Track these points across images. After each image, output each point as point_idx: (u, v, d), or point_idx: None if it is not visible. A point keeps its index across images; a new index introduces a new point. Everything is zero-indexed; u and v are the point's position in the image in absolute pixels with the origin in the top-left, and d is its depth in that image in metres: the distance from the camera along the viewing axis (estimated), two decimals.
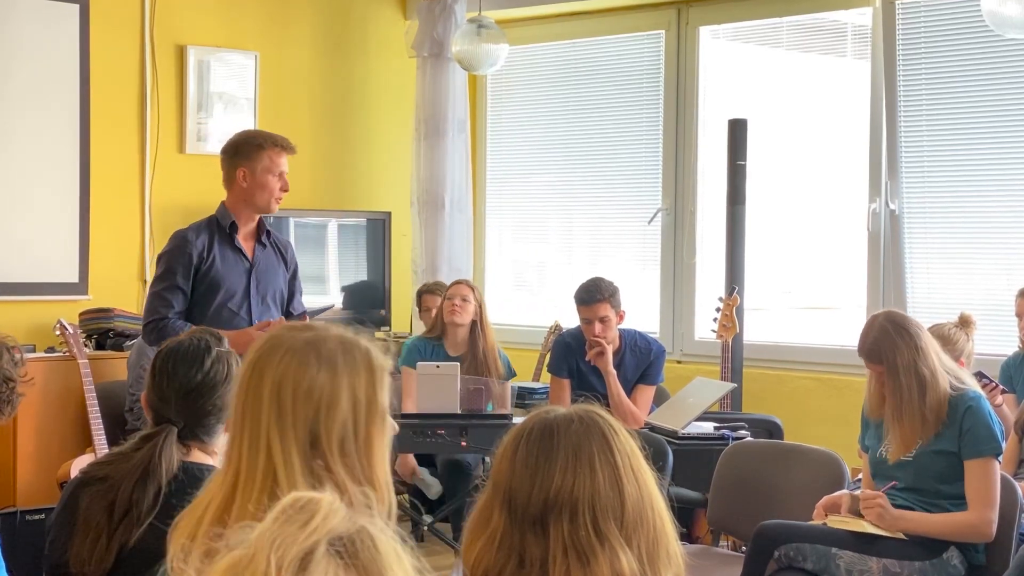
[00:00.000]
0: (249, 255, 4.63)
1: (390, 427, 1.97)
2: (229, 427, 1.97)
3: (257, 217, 4.67)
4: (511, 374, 6.13)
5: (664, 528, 1.86)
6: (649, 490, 1.86)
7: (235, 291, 4.58)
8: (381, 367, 1.96)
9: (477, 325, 6.00)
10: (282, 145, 4.65)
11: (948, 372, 3.99)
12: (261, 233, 4.69)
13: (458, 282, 6.17)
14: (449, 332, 6.02)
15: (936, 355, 3.98)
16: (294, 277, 4.78)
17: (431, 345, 6.05)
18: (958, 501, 3.92)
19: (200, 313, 4.52)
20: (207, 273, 4.55)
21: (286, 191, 4.64)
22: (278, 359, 1.92)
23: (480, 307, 6.04)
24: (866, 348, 4.04)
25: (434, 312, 6.20)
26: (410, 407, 5.85)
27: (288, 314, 4.70)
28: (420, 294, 6.66)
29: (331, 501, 1.20)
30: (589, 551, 1.79)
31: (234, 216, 4.61)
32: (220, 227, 4.61)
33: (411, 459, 5.91)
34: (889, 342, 3.96)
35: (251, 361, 1.95)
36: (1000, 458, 3.99)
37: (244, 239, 4.65)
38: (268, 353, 1.94)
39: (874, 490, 4.06)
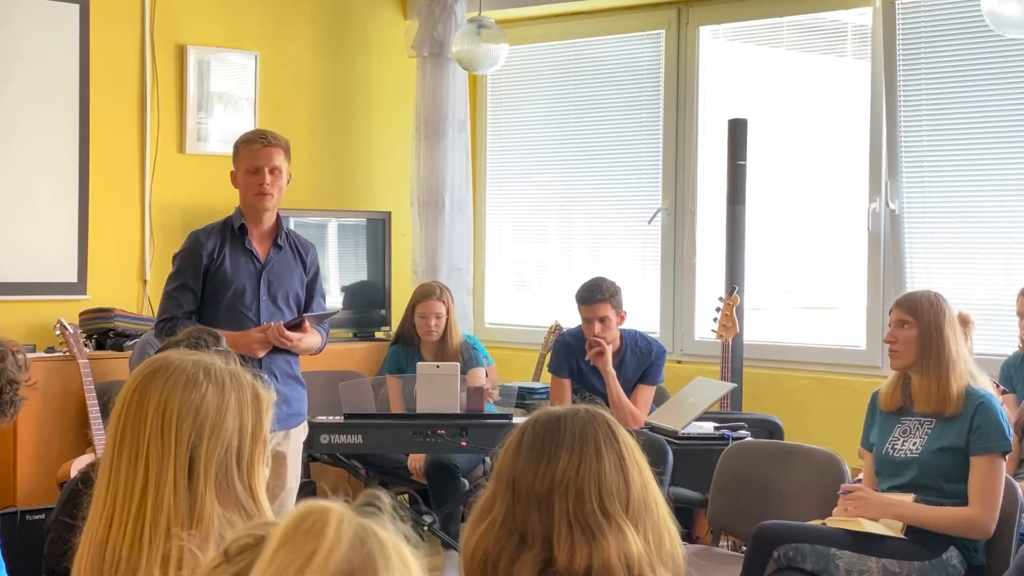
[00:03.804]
0: (261, 256, 4.62)
1: (269, 463, 1.95)
2: (106, 448, 1.92)
3: (272, 218, 4.65)
4: (477, 359, 6.10)
5: (667, 524, 1.86)
6: (652, 486, 1.87)
7: (244, 292, 4.57)
8: (267, 400, 1.94)
9: (450, 328, 6.03)
10: (248, 139, 4.62)
11: (968, 368, 4.03)
12: (279, 234, 4.68)
13: (428, 298, 6.04)
14: (424, 342, 6.06)
15: (961, 345, 4.04)
16: (314, 279, 4.74)
17: (407, 352, 6.08)
18: (961, 501, 3.92)
19: (211, 313, 4.54)
20: (216, 273, 4.56)
21: (262, 184, 4.53)
22: (165, 378, 1.89)
23: (451, 310, 6.06)
24: (903, 296, 4.19)
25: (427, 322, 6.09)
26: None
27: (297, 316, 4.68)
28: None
29: (340, 518, 1.18)
30: (596, 527, 1.79)
31: (244, 218, 4.62)
32: (232, 228, 4.62)
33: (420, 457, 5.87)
34: (929, 304, 4.06)
35: (135, 381, 1.91)
36: (1007, 456, 4.01)
37: (259, 240, 4.63)
38: (153, 373, 1.90)
39: (876, 489, 4.07)
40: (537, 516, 1.80)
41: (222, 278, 4.55)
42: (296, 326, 4.55)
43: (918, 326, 4.01)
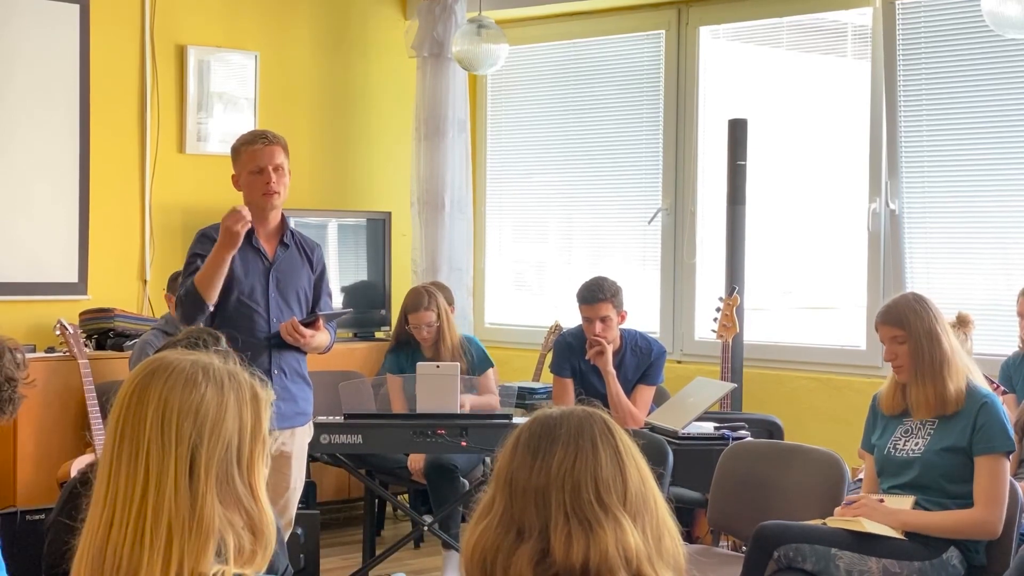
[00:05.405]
0: (269, 254, 4.64)
1: (268, 461, 1.95)
2: (105, 449, 1.90)
3: (277, 217, 4.66)
4: (485, 363, 6.09)
5: (667, 523, 1.86)
6: (651, 484, 1.87)
7: (253, 289, 4.59)
8: (265, 398, 1.94)
9: (443, 331, 6.00)
10: (248, 140, 4.63)
11: (964, 364, 4.03)
12: (284, 233, 4.69)
13: (417, 310, 5.98)
14: (421, 344, 6.05)
15: (953, 340, 4.03)
16: (320, 278, 4.76)
17: (406, 354, 6.07)
18: (963, 501, 3.92)
19: (220, 309, 4.56)
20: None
21: (268, 183, 4.55)
22: (164, 378, 1.88)
23: (443, 314, 6.03)
24: (884, 311, 4.10)
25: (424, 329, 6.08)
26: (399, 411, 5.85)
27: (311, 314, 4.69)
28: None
29: None
30: (593, 518, 1.78)
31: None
32: None
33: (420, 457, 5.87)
34: (911, 309, 4.03)
35: (133, 382, 1.90)
36: (1011, 456, 4.00)
37: (266, 239, 4.65)
38: (152, 373, 1.89)
39: (878, 490, 4.07)
40: (534, 510, 1.80)
41: (231, 276, 4.57)
42: (310, 324, 4.58)
43: (910, 338, 4.01)
